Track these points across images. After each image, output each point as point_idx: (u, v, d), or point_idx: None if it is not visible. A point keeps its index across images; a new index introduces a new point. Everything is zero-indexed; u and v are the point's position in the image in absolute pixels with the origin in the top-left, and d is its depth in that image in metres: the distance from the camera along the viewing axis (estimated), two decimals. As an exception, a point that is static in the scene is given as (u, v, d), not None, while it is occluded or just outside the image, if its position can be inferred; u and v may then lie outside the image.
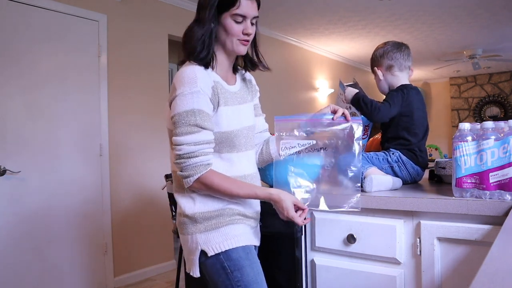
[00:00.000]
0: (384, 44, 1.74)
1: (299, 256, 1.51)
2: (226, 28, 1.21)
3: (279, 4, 4.19)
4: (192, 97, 1.15)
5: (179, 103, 1.16)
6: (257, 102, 1.47)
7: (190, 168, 1.15)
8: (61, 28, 2.96)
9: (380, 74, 1.72)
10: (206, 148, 1.17)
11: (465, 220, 1.21)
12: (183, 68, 1.21)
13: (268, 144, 1.43)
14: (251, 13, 1.21)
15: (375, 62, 1.74)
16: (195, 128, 1.15)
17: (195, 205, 1.22)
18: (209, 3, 1.21)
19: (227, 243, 1.19)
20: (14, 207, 2.66)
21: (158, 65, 3.69)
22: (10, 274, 2.62)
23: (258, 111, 1.46)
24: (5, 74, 2.66)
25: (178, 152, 1.16)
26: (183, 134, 1.15)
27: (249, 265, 1.19)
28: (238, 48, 1.24)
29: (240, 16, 1.20)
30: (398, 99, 1.61)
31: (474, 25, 5.01)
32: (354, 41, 5.69)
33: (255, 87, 1.47)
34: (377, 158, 1.60)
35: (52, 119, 2.89)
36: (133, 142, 3.43)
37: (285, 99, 5.42)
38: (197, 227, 1.21)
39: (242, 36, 1.22)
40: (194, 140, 1.15)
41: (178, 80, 1.18)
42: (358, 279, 1.40)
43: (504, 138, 1.16)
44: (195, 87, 1.15)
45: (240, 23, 1.21)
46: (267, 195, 1.21)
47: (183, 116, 1.15)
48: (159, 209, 3.59)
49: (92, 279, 3.10)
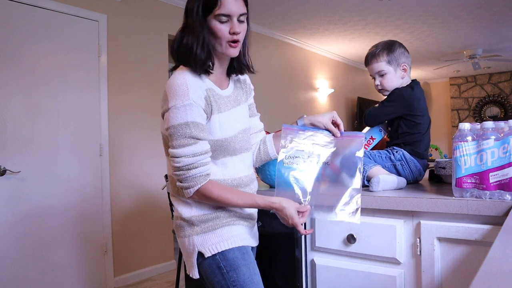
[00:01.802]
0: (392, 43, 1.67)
1: (299, 256, 1.51)
2: (212, 31, 1.17)
3: (279, 4, 4.19)
4: (185, 109, 1.13)
5: (172, 116, 1.14)
6: (252, 101, 1.44)
7: (190, 179, 1.15)
8: (61, 28, 2.96)
9: (400, 73, 1.65)
10: (204, 159, 1.16)
11: (465, 220, 1.21)
12: (174, 76, 1.18)
13: (266, 143, 1.43)
14: (235, 10, 1.15)
15: (396, 60, 1.64)
16: (191, 140, 1.14)
17: (192, 209, 1.23)
18: (193, 8, 1.18)
19: (223, 244, 1.20)
20: (14, 207, 2.66)
21: (158, 65, 3.69)
22: (10, 274, 2.62)
23: (253, 111, 1.44)
24: (5, 74, 2.66)
25: (177, 164, 1.15)
26: (180, 147, 1.14)
27: (245, 265, 1.19)
28: (228, 51, 1.19)
29: (224, 16, 1.15)
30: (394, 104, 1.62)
31: (474, 25, 5.02)
32: (354, 41, 5.69)
33: (250, 86, 1.44)
34: (380, 156, 1.60)
35: (52, 119, 2.89)
36: (133, 142, 3.43)
37: (285, 99, 5.42)
38: (194, 229, 1.22)
39: (230, 37, 1.17)
40: (192, 151, 1.14)
41: (170, 91, 1.15)
42: (358, 279, 1.40)
43: (504, 138, 1.16)
44: (187, 99, 1.13)
45: (225, 23, 1.16)
46: (268, 203, 1.20)
47: (178, 129, 1.14)
48: (159, 209, 3.59)
49: (92, 279, 3.10)
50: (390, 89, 1.67)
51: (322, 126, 1.36)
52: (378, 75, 1.67)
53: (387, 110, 1.65)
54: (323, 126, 1.36)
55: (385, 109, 1.65)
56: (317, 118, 1.37)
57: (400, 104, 1.61)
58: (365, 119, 1.69)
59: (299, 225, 1.20)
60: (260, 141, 1.44)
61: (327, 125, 1.35)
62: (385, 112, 1.65)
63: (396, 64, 1.64)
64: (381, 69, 1.64)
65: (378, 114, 1.67)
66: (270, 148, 1.42)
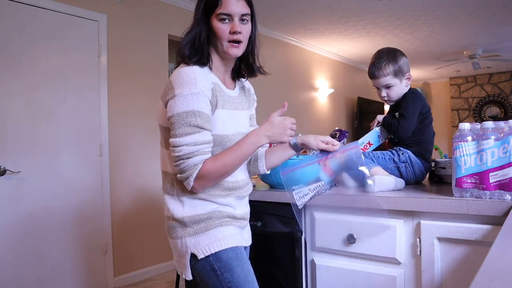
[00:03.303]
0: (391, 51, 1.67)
1: (299, 256, 1.51)
2: (214, 30, 1.18)
3: (279, 4, 4.19)
4: (192, 98, 1.12)
5: (178, 103, 1.13)
6: (253, 112, 1.44)
7: (187, 168, 1.13)
8: (61, 28, 2.96)
9: (405, 83, 1.66)
10: (205, 148, 1.15)
11: (465, 220, 1.21)
12: (181, 68, 1.18)
13: (257, 160, 1.40)
14: (236, 10, 1.16)
15: (401, 71, 1.64)
16: (196, 129, 1.12)
17: (184, 209, 1.21)
18: (197, 6, 1.20)
19: (216, 245, 1.18)
20: (14, 207, 2.66)
21: (158, 65, 3.69)
22: (10, 274, 2.61)
23: (253, 122, 1.44)
24: (5, 74, 2.66)
25: (177, 153, 1.13)
26: (183, 135, 1.12)
27: (239, 266, 1.19)
28: (230, 50, 1.19)
29: (225, 15, 1.16)
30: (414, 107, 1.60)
31: (474, 25, 5.02)
32: (354, 41, 5.69)
33: (253, 97, 1.43)
34: (383, 157, 1.59)
35: (52, 119, 2.89)
36: (133, 142, 3.43)
37: (285, 99, 5.38)
38: (186, 231, 1.20)
39: (231, 36, 1.17)
40: (194, 140, 1.13)
41: (177, 80, 1.15)
42: (358, 279, 1.40)
43: (504, 138, 1.16)
44: (195, 88, 1.13)
45: (227, 22, 1.17)
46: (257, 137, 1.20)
47: (183, 116, 1.12)
48: (159, 209, 3.58)
49: (92, 279, 3.10)
50: (396, 99, 1.69)
51: (314, 147, 1.34)
52: (384, 87, 1.67)
53: (412, 115, 1.60)
54: (315, 147, 1.34)
55: (411, 115, 1.60)
56: (309, 140, 1.35)
57: (419, 103, 1.61)
58: (400, 135, 1.62)
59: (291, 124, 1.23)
60: (253, 154, 1.42)
61: (319, 146, 1.33)
62: (412, 117, 1.60)
63: (402, 75, 1.65)
64: (388, 83, 1.65)
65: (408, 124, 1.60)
66: (260, 163, 1.40)
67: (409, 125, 1.59)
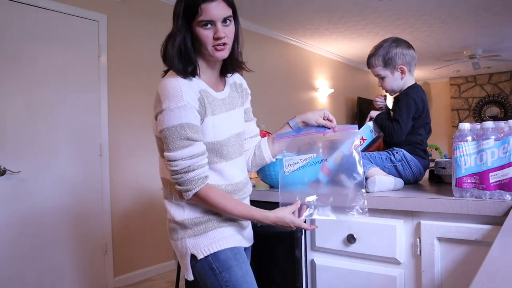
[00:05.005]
0: (393, 41, 1.66)
1: (299, 256, 1.51)
2: (197, 37, 1.17)
3: (279, 4, 4.19)
4: (179, 111, 1.12)
5: (166, 118, 1.13)
6: (248, 106, 1.43)
7: (188, 182, 1.15)
8: (61, 28, 2.96)
9: (398, 75, 1.64)
10: (201, 160, 1.16)
11: (465, 220, 1.21)
12: (167, 79, 1.18)
13: (261, 148, 1.42)
14: (218, 15, 1.14)
15: (391, 63, 1.63)
16: (187, 142, 1.13)
17: (185, 212, 1.23)
18: (175, 13, 1.18)
19: (215, 245, 1.20)
20: (14, 207, 2.66)
21: (158, 65, 3.63)
22: (10, 274, 2.61)
23: (249, 116, 1.43)
24: (5, 74, 2.66)
25: (174, 168, 1.15)
26: (176, 149, 1.13)
27: (237, 265, 1.20)
28: (215, 54, 1.18)
29: (207, 22, 1.14)
30: (408, 110, 1.59)
31: (474, 25, 5.02)
32: (354, 41, 5.69)
33: (246, 91, 1.43)
34: (380, 157, 1.59)
35: (52, 119, 2.89)
36: (133, 142, 3.43)
37: (285, 99, 5.42)
38: (186, 232, 1.22)
39: (215, 42, 1.16)
40: (188, 154, 1.13)
41: (163, 93, 1.15)
42: (358, 279, 1.40)
43: (504, 138, 1.16)
44: (181, 101, 1.12)
45: (209, 28, 1.15)
46: (263, 218, 1.20)
47: (173, 131, 1.13)
48: (159, 209, 3.59)
49: (92, 279, 3.10)
50: (391, 91, 1.69)
51: (314, 122, 1.37)
52: (378, 77, 1.70)
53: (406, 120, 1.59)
54: (314, 122, 1.37)
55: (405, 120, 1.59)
56: (307, 116, 1.39)
57: (412, 106, 1.60)
58: (394, 140, 1.61)
59: (302, 224, 1.22)
60: (255, 145, 1.44)
61: (318, 121, 1.37)
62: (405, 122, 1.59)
63: (393, 67, 1.64)
64: (378, 74, 1.67)
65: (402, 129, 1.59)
66: (265, 153, 1.41)
67: (403, 130, 1.59)
